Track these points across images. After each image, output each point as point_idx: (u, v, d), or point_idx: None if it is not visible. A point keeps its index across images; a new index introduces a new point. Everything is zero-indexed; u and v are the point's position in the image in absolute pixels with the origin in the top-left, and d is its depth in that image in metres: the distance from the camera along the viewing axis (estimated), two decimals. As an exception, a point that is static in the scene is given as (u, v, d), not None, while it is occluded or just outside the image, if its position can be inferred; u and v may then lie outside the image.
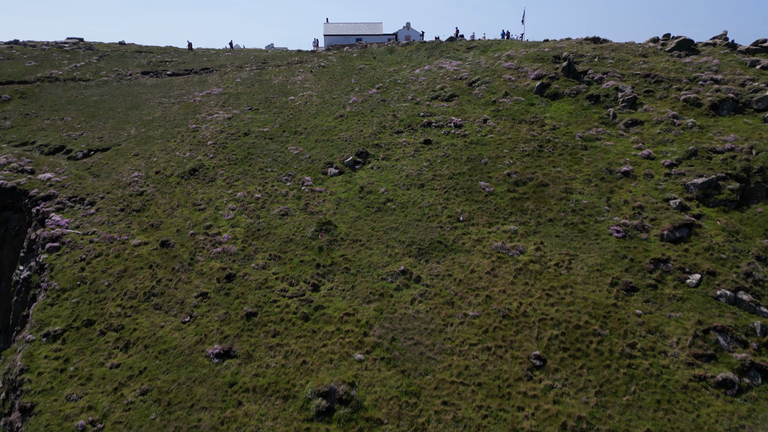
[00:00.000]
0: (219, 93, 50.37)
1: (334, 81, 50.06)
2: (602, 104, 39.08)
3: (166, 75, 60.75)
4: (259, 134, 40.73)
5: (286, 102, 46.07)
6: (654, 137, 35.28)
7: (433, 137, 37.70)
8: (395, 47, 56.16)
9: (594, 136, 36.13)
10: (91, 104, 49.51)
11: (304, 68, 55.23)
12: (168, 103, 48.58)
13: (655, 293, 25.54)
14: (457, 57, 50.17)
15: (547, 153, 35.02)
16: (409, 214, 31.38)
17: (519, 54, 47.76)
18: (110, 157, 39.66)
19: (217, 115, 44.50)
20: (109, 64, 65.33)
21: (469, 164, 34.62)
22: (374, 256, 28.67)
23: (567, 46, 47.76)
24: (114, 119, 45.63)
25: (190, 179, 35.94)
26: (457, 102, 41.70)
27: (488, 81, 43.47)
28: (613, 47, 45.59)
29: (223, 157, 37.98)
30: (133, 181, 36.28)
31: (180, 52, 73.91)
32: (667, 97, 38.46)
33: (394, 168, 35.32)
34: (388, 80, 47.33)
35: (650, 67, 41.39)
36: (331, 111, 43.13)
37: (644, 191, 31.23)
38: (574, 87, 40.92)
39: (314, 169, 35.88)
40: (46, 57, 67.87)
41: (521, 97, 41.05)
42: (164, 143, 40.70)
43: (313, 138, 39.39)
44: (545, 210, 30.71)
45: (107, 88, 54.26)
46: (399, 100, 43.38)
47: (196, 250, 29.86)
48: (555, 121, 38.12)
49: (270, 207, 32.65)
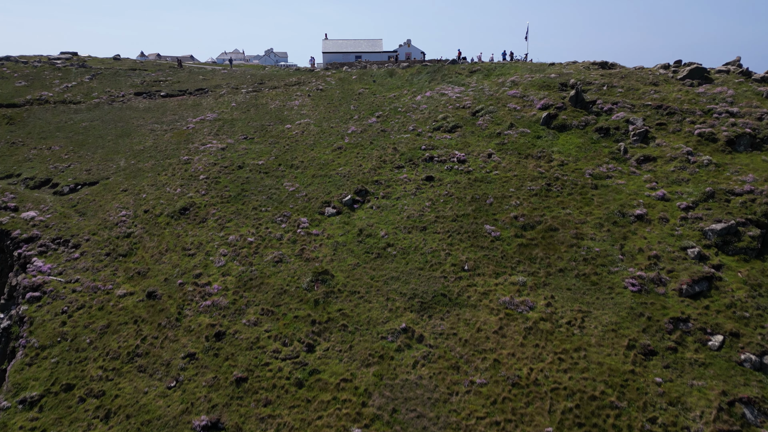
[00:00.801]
0: (213, 119, 48.66)
1: (333, 107, 48.35)
2: (612, 137, 37.37)
3: (159, 96, 59.05)
4: (253, 167, 39.00)
5: (282, 131, 44.35)
6: (668, 175, 33.56)
7: (436, 173, 35.98)
8: (396, 70, 54.45)
9: (604, 173, 34.42)
10: (80, 131, 47.77)
11: (301, 91, 53.54)
12: (160, 131, 46.87)
13: (675, 357, 23.78)
14: (460, 82, 48.45)
15: (556, 192, 33.30)
16: (411, 261, 29.63)
17: (524, 80, 46.06)
18: (98, 193, 37.91)
19: (211, 145, 42.77)
20: (101, 83, 63.64)
21: (473, 205, 32.90)
22: (374, 310, 26.92)
23: (574, 71, 46.07)
24: (103, 149, 43.91)
25: (181, 219, 34.20)
26: (460, 133, 39.98)
27: (492, 110, 41.77)
28: (622, 74, 43.89)
29: (216, 193, 36.25)
30: (120, 220, 34.54)
31: (175, 69, 72.26)
32: (680, 131, 36.75)
33: (395, 208, 33.59)
34: (389, 107, 45.62)
35: (662, 97, 39.69)
36: (329, 142, 41.42)
37: (660, 238, 29.49)
38: (582, 118, 39.20)
39: (311, 208, 34.14)
40: (38, 76, 66.23)
41: (527, 128, 39.33)
42: (154, 177, 38.96)
43: (310, 173, 37.67)
44: (555, 258, 28.96)
45: (98, 112, 52.54)
46: (399, 130, 41.66)
47: (185, 303, 28.10)
48: (563, 156, 36.41)
49: (263, 252, 30.90)
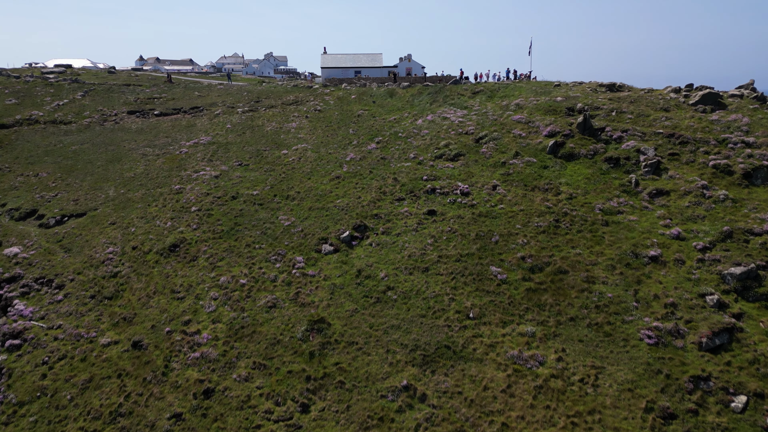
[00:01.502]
0: (207, 142, 47.05)
1: (331, 130, 46.74)
2: (623, 168, 35.76)
3: (153, 115, 57.46)
4: (248, 198, 37.38)
5: (278, 157, 42.74)
6: (682, 211, 31.93)
7: (438, 207, 34.35)
8: (396, 90, 52.84)
9: (615, 208, 32.79)
10: (69, 155, 46.16)
11: (299, 112, 51.94)
12: (152, 155, 45.26)
13: (697, 421, 22.12)
14: (462, 104, 46.86)
15: (565, 229, 31.68)
16: (413, 307, 27.99)
17: (529, 103, 44.46)
18: (85, 226, 36.29)
19: (204, 173, 41.15)
20: (94, 101, 62.06)
21: (478, 243, 31.27)
22: (373, 364, 25.26)
23: (581, 94, 44.46)
24: (92, 176, 42.29)
25: (170, 257, 32.56)
26: (463, 162, 38.37)
27: (496, 137, 40.15)
28: (631, 98, 42.29)
29: (208, 228, 34.62)
30: (107, 258, 32.91)
31: (170, 85, 70.67)
32: (694, 162, 35.15)
33: (395, 245, 31.96)
34: (389, 132, 44.01)
35: (673, 124, 38.08)
36: (327, 170, 39.80)
37: (676, 282, 27.84)
38: (590, 147, 37.59)
39: (307, 245, 32.51)
40: (29, 92, 64.68)
41: (533, 157, 37.72)
42: (144, 209, 37.34)
43: (306, 205, 36.04)
44: (565, 305, 27.32)
45: (89, 134, 50.94)
46: (400, 158, 40.04)
47: (172, 354, 26.44)
48: (571, 188, 34.79)
49: (256, 296, 29.25)
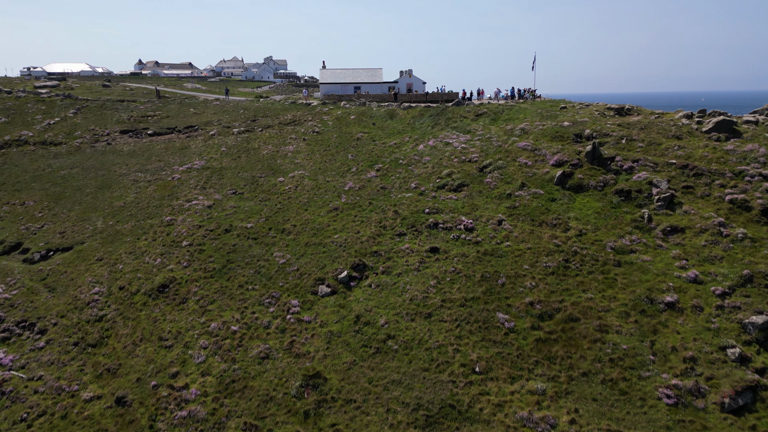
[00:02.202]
0: (201, 167, 45.42)
1: (329, 155, 45.11)
2: (634, 202, 34.11)
3: (146, 135, 55.86)
4: (241, 232, 35.74)
5: (274, 185, 41.09)
6: (699, 251, 30.26)
7: (441, 243, 32.69)
8: (396, 111, 51.21)
9: (628, 247, 31.13)
10: (58, 181, 44.53)
11: (296, 134, 50.31)
12: (143, 181, 43.63)
13: (723, 496, 20.45)
14: (465, 128, 45.23)
15: (575, 270, 30.02)
16: (415, 359, 26.30)
17: (535, 128, 42.83)
18: (70, 262, 34.63)
19: (197, 202, 39.51)
20: (86, 119, 60.47)
21: (483, 285, 29.60)
22: (372, 425, 23.57)
23: (589, 119, 42.84)
24: (81, 205, 40.64)
25: (159, 299, 30.90)
26: (467, 193, 36.71)
27: (501, 166, 38.51)
28: (641, 124, 40.64)
29: (199, 265, 32.96)
30: (92, 299, 31.25)
31: (165, 101, 69.07)
32: (709, 196, 33.48)
33: (396, 287, 30.28)
34: (389, 159, 42.37)
35: (687, 154, 36.44)
36: (325, 200, 38.15)
37: (695, 332, 26.16)
38: (600, 177, 35.95)
39: (303, 286, 30.84)
40: (20, 109, 63.11)
41: (540, 188, 36.07)
42: (133, 243, 35.69)
43: (303, 240, 34.38)
44: (577, 358, 25.63)
45: (79, 157, 49.33)
46: (401, 188, 38.39)
47: (158, 412, 24.75)
48: (581, 223, 33.13)
49: (249, 345, 27.58)
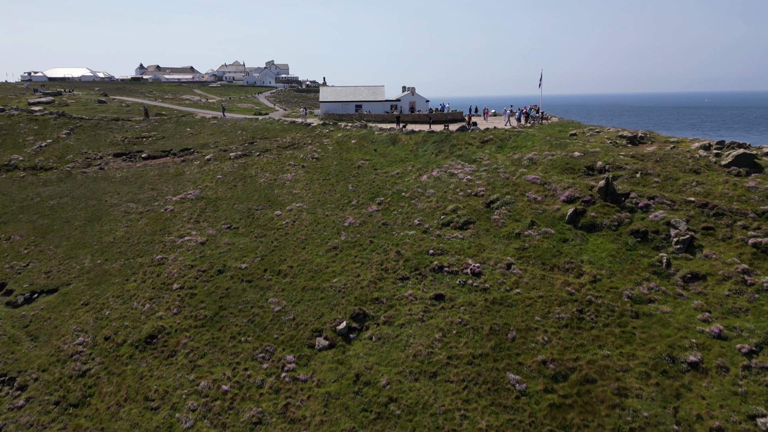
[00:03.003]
0: (195, 197, 43.62)
1: (329, 185, 43.26)
2: (651, 244, 32.16)
3: (140, 158, 54.11)
4: (235, 273, 33.89)
5: (271, 219, 39.25)
6: (722, 302, 28.29)
7: (446, 290, 30.78)
8: (398, 136, 49.34)
9: (646, 295, 29.18)
10: (46, 212, 42.77)
11: (295, 159, 48.48)
12: (135, 213, 41.83)
13: None
14: (470, 157, 43.32)
15: (590, 323, 28.07)
16: (419, 426, 24.37)
17: (543, 158, 40.91)
18: (55, 306, 32.83)
19: (189, 238, 37.69)
20: (79, 140, 58.75)
21: (492, 340, 27.67)
22: (373, 506, 21.66)
23: (600, 149, 40.89)
24: (68, 240, 38.85)
25: (146, 351, 29.05)
26: (474, 231, 34.80)
27: (509, 201, 36.59)
28: (656, 156, 38.69)
29: (190, 312, 31.11)
30: (76, 351, 29.42)
31: (162, 120, 67.34)
32: (731, 238, 31.53)
33: (399, 340, 28.38)
34: (391, 191, 40.49)
35: (706, 191, 34.49)
36: (323, 238, 36.28)
37: (720, 397, 24.18)
38: (614, 216, 34.01)
39: (299, 339, 28.96)
40: (12, 129, 61.46)
41: (551, 227, 34.14)
42: (121, 285, 33.87)
43: (299, 283, 32.51)
44: (595, 426, 23.65)
45: (69, 185, 47.58)
46: (403, 224, 36.50)
47: (141, 488, 22.90)
48: (595, 268, 31.20)
49: (240, 408, 25.69)
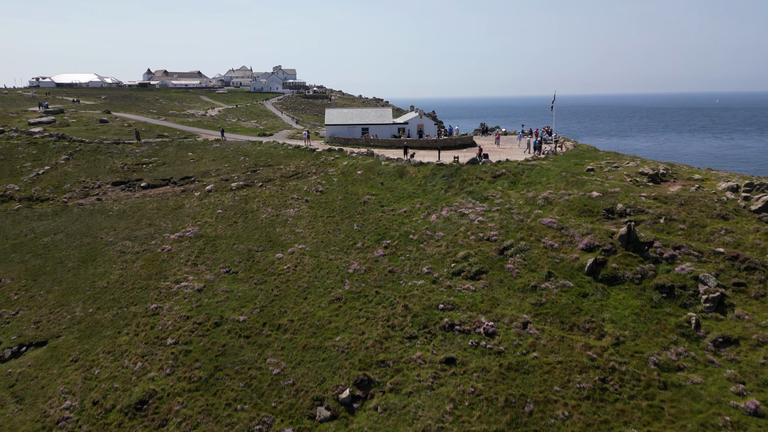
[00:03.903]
0: (194, 235, 41.81)
1: (333, 223, 41.30)
2: (678, 301, 29.92)
3: (140, 188, 52.46)
4: (233, 326, 31.99)
5: (272, 262, 37.34)
6: (757, 371, 26.02)
7: (458, 352, 28.70)
8: (406, 168, 47.30)
9: (674, 362, 26.96)
10: (40, 251, 41.12)
11: (298, 192, 46.59)
12: (131, 253, 40.07)
13: None
14: (481, 194, 41.21)
15: (614, 394, 25.88)
16: None
17: (559, 198, 38.72)
18: (43, 363, 31.08)
19: (186, 284, 35.85)
20: (78, 167, 57.20)
21: (508, 413, 25.54)
22: None
23: (620, 188, 38.65)
24: (61, 284, 37.13)
25: (136, 419, 27.17)
26: (486, 282, 32.70)
27: (524, 248, 34.46)
28: (681, 198, 36.39)
29: (183, 372, 29.23)
30: (62, 417, 27.60)
31: (163, 144, 65.70)
32: (765, 296, 29.24)
33: (406, 412, 26.31)
34: (398, 232, 38.45)
35: (736, 241, 32.20)
36: (326, 286, 34.30)
37: (762, 490, 21.97)
38: (637, 268, 31.80)
39: (298, 408, 26.98)
40: (10, 154, 60.06)
41: (569, 279, 31.98)
42: (113, 338, 32.07)
43: (300, 341, 30.55)
44: None
45: (65, 219, 45.95)
46: (411, 272, 34.47)
47: None
48: (617, 328, 29.00)
49: (235, 492, 23.75)
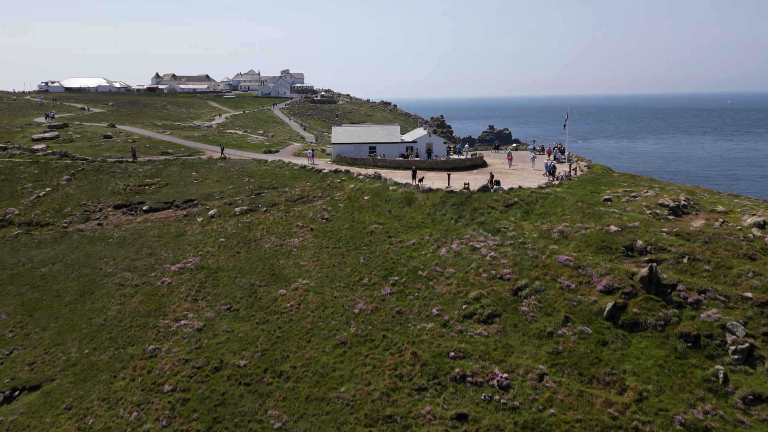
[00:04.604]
0: (195, 266, 40.47)
1: (339, 255, 39.81)
2: (704, 351, 28.13)
3: (141, 211, 51.28)
4: (233, 372, 30.55)
5: (274, 299, 35.90)
6: (793, 435, 24.21)
7: (470, 407, 27.07)
8: (415, 194, 45.72)
9: (701, 422, 25.17)
10: (37, 283, 39.95)
11: (303, 219, 45.15)
12: (130, 286, 38.80)
13: None
14: (494, 225, 39.54)
15: (637, 459, 24.17)
16: None
17: (576, 232, 37.00)
18: (36, 410, 29.78)
19: (186, 322, 34.49)
20: (79, 188, 56.13)
21: (523, 479, 23.90)
22: None
23: (640, 222, 36.85)
24: (57, 321, 35.89)
25: (130, 478, 25.80)
26: (500, 327, 31.06)
27: (540, 289, 32.79)
28: (705, 235, 34.56)
29: (180, 424, 27.77)
30: (52, 474, 26.29)
31: (167, 162, 64.55)
32: (799, 348, 27.40)
33: (415, 474, 24.73)
34: (406, 267, 36.89)
35: (765, 285, 30.35)
36: (331, 328, 32.78)
37: None
38: (660, 313, 30.04)
39: (301, 468, 25.47)
40: (11, 174, 59.15)
41: (587, 325, 30.28)
42: (108, 383, 30.73)
43: (303, 391, 29.04)
44: None
45: (64, 247, 44.78)
46: (420, 313, 32.90)
47: None
48: (640, 381, 27.26)
49: None
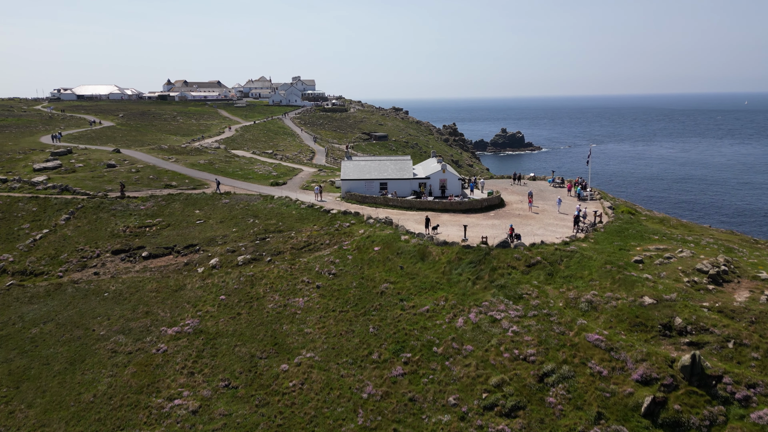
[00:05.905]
0: (193, 330, 37.83)
1: (347, 321, 36.94)
2: (758, 463, 24.87)
3: (140, 258, 48.83)
4: (230, 469, 27.80)
5: (276, 377, 33.09)
6: None
7: None
8: (428, 248, 42.67)
9: None
10: (26, 347, 37.54)
11: (309, 274, 42.34)
12: (123, 353, 36.23)
13: None
14: (515, 290, 36.42)
15: None
16: None
17: (606, 303, 33.80)
18: None
19: (180, 402, 31.80)
20: (78, 229, 53.85)
21: None
22: None
23: (677, 293, 33.50)
24: (44, 397, 33.37)
25: None
26: (524, 423, 27.95)
27: (568, 375, 29.67)
28: (751, 314, 31.16)
29: None
30: None
31: (170, 199, 62.11)
32: None
33: None
34: (420, 342, 33.90)
35: (825, 381, 27.00)
36: (336, 417, 29.88)
37: None
38: (705, 411, 26.78)
39: None
40: (9, 211, 57.14)
41: (623, 423, 27.07)
42: (94, 481, 28.12)
43: (306, 497, 26.20)
44: None
45: (57, 302, 42.39)
46: (435, 401, 29.89)
47: None
48: (685, 500, 24.05)
49: None
